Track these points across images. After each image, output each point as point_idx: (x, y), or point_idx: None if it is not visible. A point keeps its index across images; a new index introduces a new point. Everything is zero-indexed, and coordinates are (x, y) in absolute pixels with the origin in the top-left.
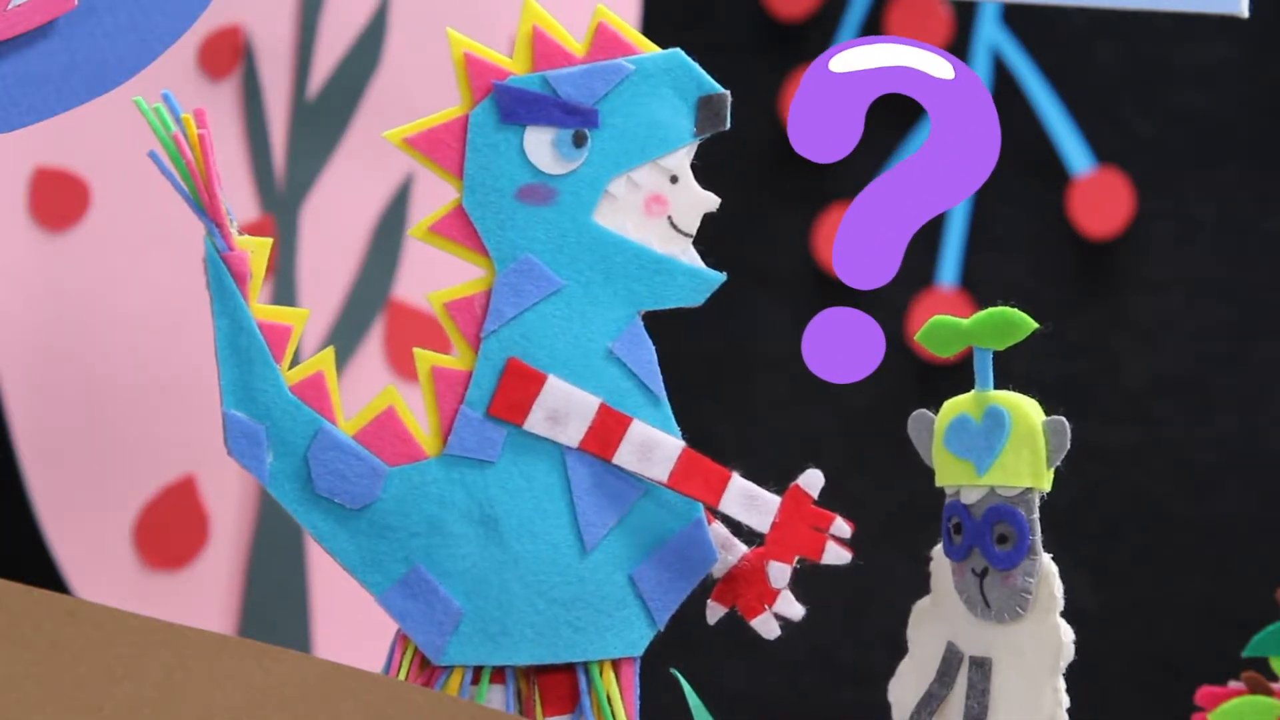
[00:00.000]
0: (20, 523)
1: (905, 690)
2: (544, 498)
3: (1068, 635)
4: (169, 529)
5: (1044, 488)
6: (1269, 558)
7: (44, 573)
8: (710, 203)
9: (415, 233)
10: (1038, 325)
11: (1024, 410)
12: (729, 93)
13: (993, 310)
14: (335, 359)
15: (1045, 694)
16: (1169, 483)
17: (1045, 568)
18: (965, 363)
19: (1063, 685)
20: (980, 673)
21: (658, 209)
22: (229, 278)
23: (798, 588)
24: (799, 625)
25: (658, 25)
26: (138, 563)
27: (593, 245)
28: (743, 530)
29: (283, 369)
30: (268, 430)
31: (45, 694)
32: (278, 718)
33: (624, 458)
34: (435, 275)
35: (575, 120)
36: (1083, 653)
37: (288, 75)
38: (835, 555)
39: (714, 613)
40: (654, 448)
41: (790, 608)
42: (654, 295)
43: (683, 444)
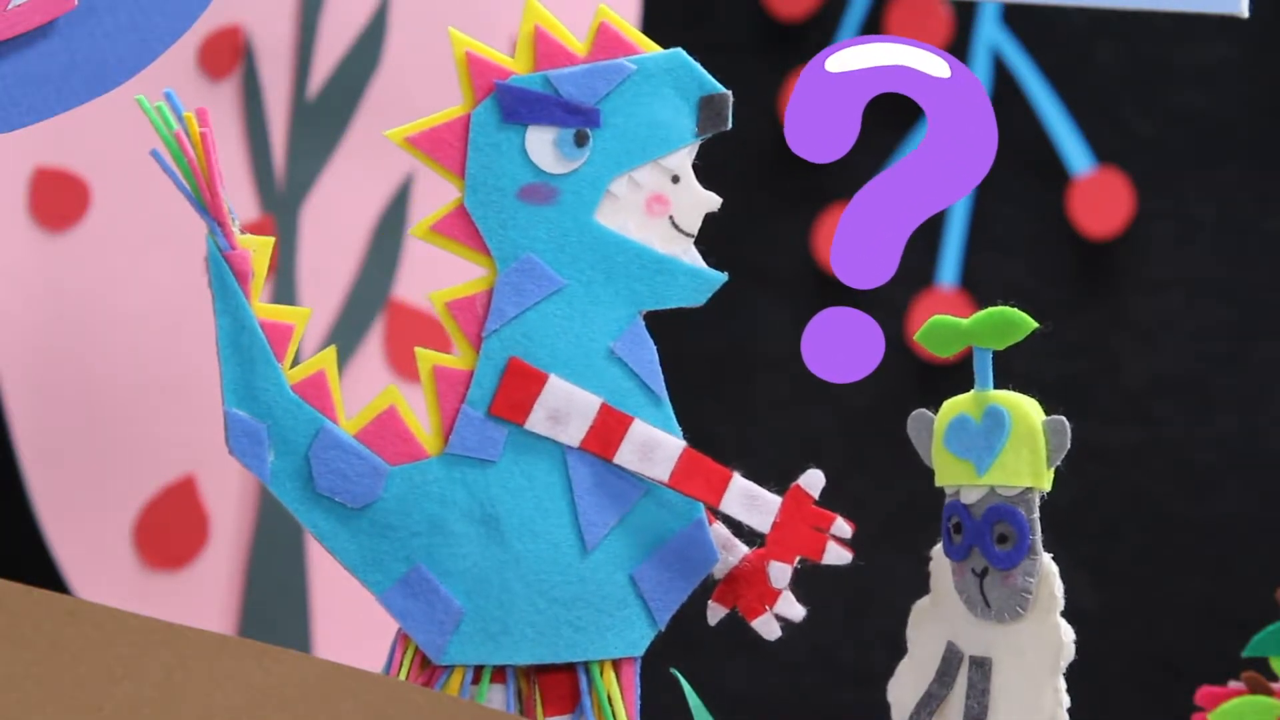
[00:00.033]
0: (20, 523)
1: (905, 690)
2: (545, 497)
3: (1068, 635)
4: (169, 529)
5: (1044, 487)
6: (1269, 558)
7: (44, 573)
8: (712, 203)
9: (417, 232)
10: (1038, 325)
11: (1024, 410)
12: (730, 93)
13: (992, 310)
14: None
15: (1046, 694)
16: (1169, 483)
17: (1045, 567)
18: (965, 362)
19: (1063, 685)
20: (980, 672)
21: (659, 209)
22: (231, 276)
23: (798, 588)
24: (800, 625)
25: (658, 25)
26: (138, 563)
27: (594, 245)
28: (743, 530)
29: (284, 368)
30: (269, 429)
31: (45, 694)
32: (278, 718)
33: (625, 457)
34: (436, 275)
35: (577, 120)
36: (1083, 653)
37: (288, 75)
38: (836, 555)
39: (715, 613)
40: (655, 447)
41: (791, 608)
42: (655, 295)
43: (684, 444)
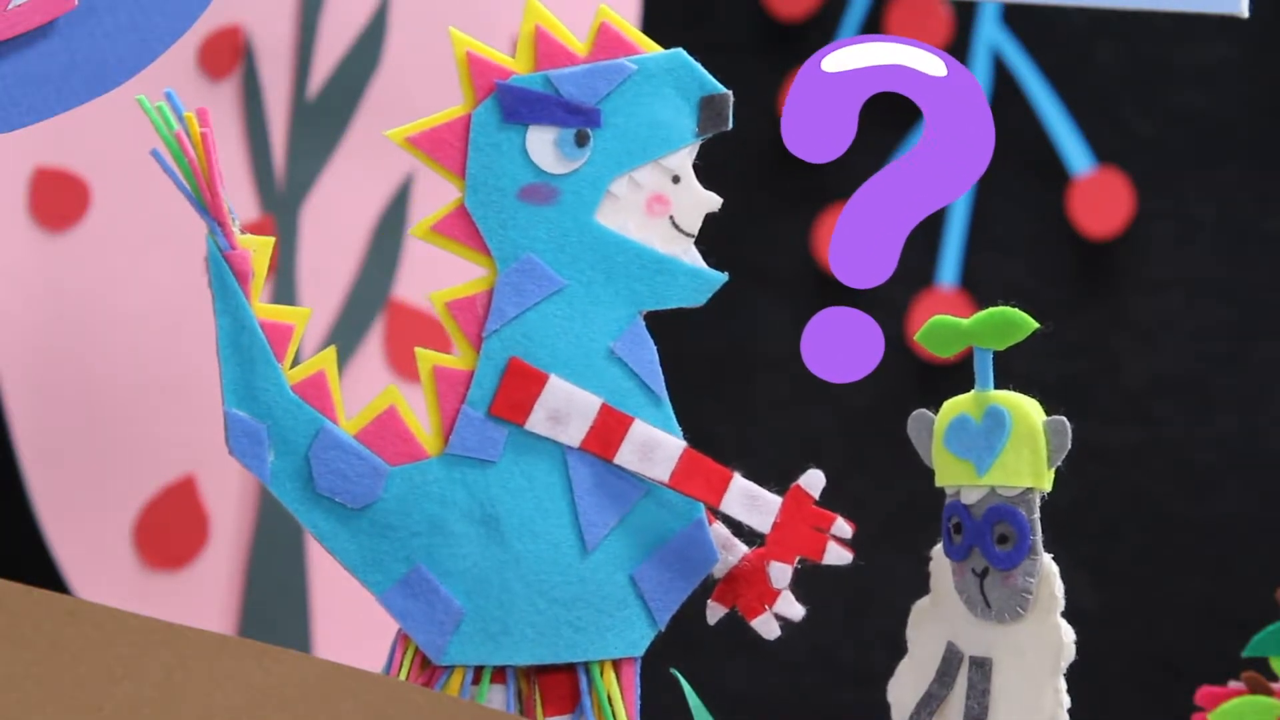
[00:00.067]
0: (20, 523)
1: (904, 690)
2: (545, 497)
3: (1069, 635)
4: (169, 529)
5: (1045, 488)
6: (1269, 558)
7: (44, 573)
8: (712, 203)
9: (417, 232)
10: (1038, 325)
11: (1025, 410)
12: (731, 93)
13: (993, 310)
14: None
15: (1046, 694)
16: (1169, 483)
17: (1046, 568)
18: (965, 362)
19: (1063, 685)
20: (980, 673)
21: (660, 209)
22: (231, 276)
23: (798, 588)
24: (799, 625)
25: (658, 25)
26: (138, 563)
27: (594, 245)
28: (743, 530)
29: (284, 368)
30: (269, 429)
31: (45, 694)
32: (278, 718)
33: (625, 457)
34: (436, 275)
35: (577, 120)
36: (1083, 653)
37: (288, 75)
38: (836, 555)
39: (714, 613)
40: (655, 448)
41: (791, 608)
42: (655, 295)
43: (684, 444)
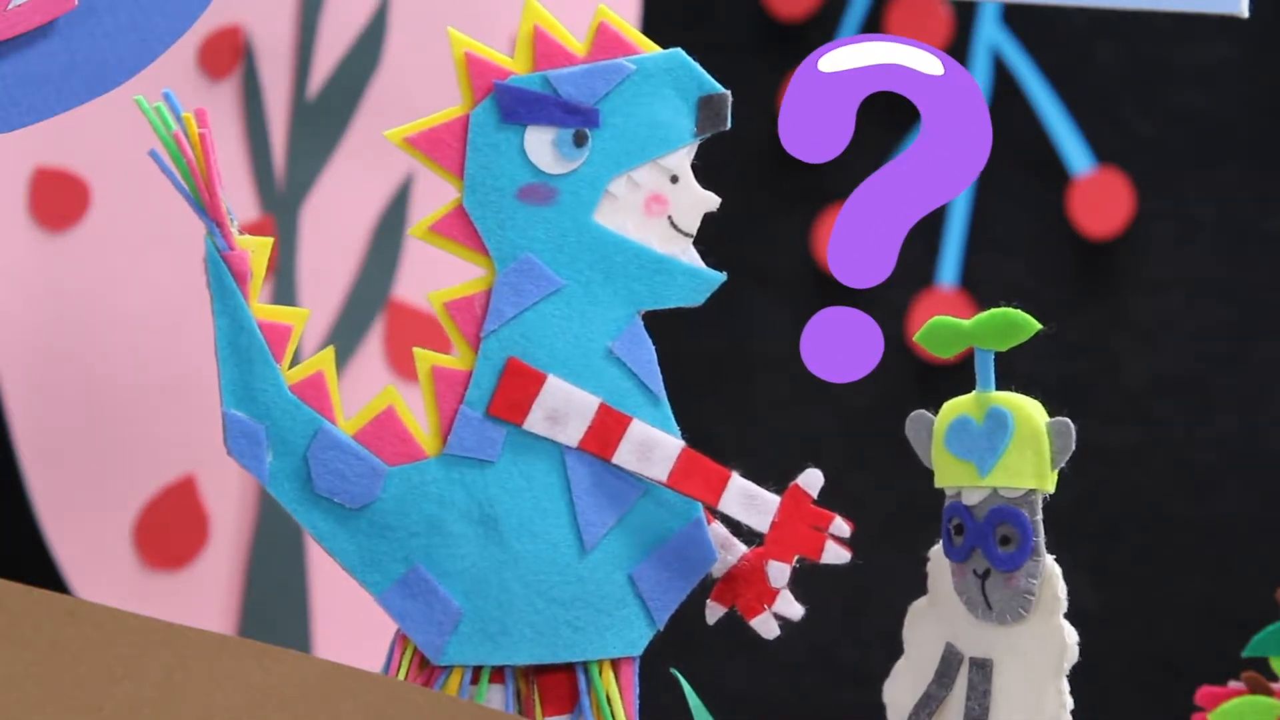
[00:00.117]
0: (20, 523)
1: (901, 691)
2: (543, 497)
3: (1071, 637)
4: (169, 529)
5: (1048, 489)
6: (1269, 558)
7: (44, 573)
8: (710, 202)
9: (415, 232)
10: (1041, 326)
11: (1027, 412)
12: (729, 93)
13: (995, 311)
14: (335, 359)
15: (1048, 695)
16: (1169, 483)
17: (1049, 569)
18: (965, 362)
19: (1066, 687)
20: (981, 674)
21: (658, 209)
22: (229, 277)
23: (797, 587)
24: (798, 625)
25: (658, 25)
26: (138, 563)
27: (593, 245)
28: (742, 530)
29: (283, 369)
30: (267, 430)
31: (45, 694)
32: (278, 718)
33: (623, 457)
34: (435, 275)
35: (576, 120)
36: (1083, 653)
37: (288, 75)
38: (835, 555)
39: (713, 612)
40: (653, 447)
41: (790, 607)
42: (654, 295)
43: (682, 444)
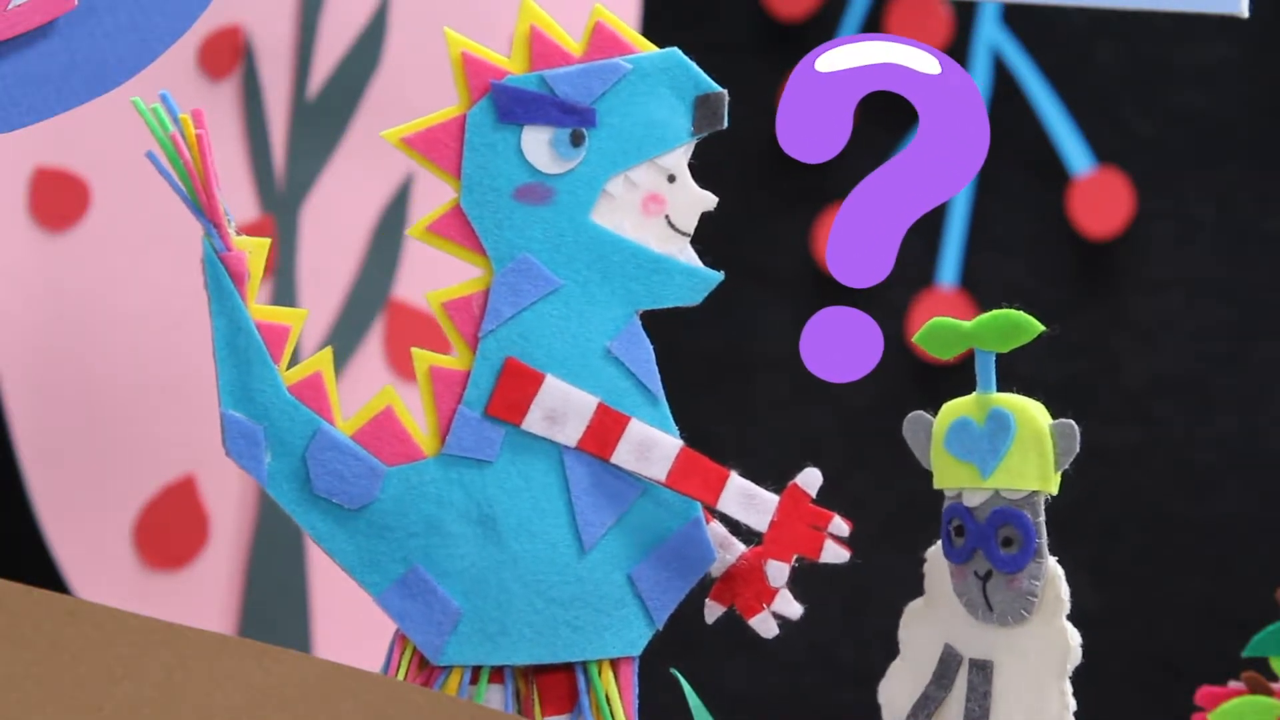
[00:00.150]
0: (20, 523)
1: (897, 691)
2: (542, 497)
3: (1075, 639)
4: (169, 529)
5: (1051, 491)
6: (1269, 558)
7: (44, 573)
8: (708, 202)
9: (413, 232)
10: (1044, 328)
11: (1030, 414)
12: (726, 92)
13: (997, 313)
14: (335, 359)
15: (1051, 697)
16: (1169, 483)
17: (1051, 570)
18: (965, 362)
19: (1069, 689)
20: (982, 675)
21: (655, 208)
22: (227, 278)
23: (796, 586)
24: (798, 624)
25: (657, 25)
26: (138, 563)
27: (590, 244)
28: (741, 529)
29: (281, 369)
30: (266, 430)
31: (45, 694)
32: (278, 718)
33: (622, 457)
34: (435, 275)
35: (573, 119)
36: (1083, 653)
37: (288, 75)
38: (833, 554)
39: (712, 612)
40: (652, 447)
41: (789, 607)
42: (652, 294)
43: (680, 443)
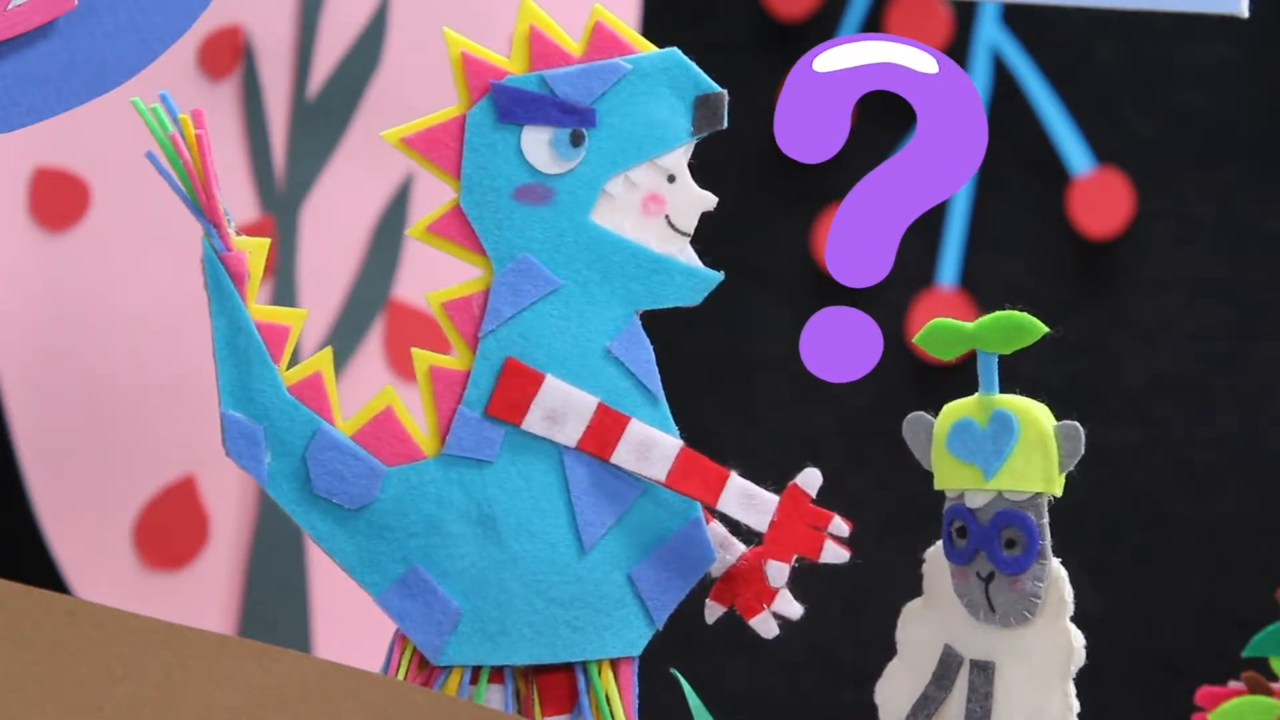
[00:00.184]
0: (20, 523)
1: (895, 692)
2: (542, 497)
3: (1078, 640)
4: (169, 529)
5: (1055, 492)
6: (1269, 558)
7: (44, 573)
8: (707, 202)
9: (413, 232)
10: (1047, 330)
11: (1033, 415)
12: (726, 92)
13: (1000, 314)
14: (335, 359)
15: (1054, 698)
16: (1169, 483)
17: (1055, 572)
18: (966, 363)
19: (1073, 690)
20: (983, 676)
21: (655, 208)
22: (227, 278)
23: (796, 587)
24: (798, 624)
25: (658, 25)
26: (138, 563)
27: (590, 245)
28: (741, 529)
29: (281, 369)
30: (266, 430)
31: (45, 694)
32: (278, 718)
33: (622, 457)
34: (435, 275)
35: (572, 119)
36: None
37: (288, 75)
38: (833, 554)
39: (712, 612)
40: (652, 447)
41: (789, 607)
42: (652, 294)
43: (680, 443)
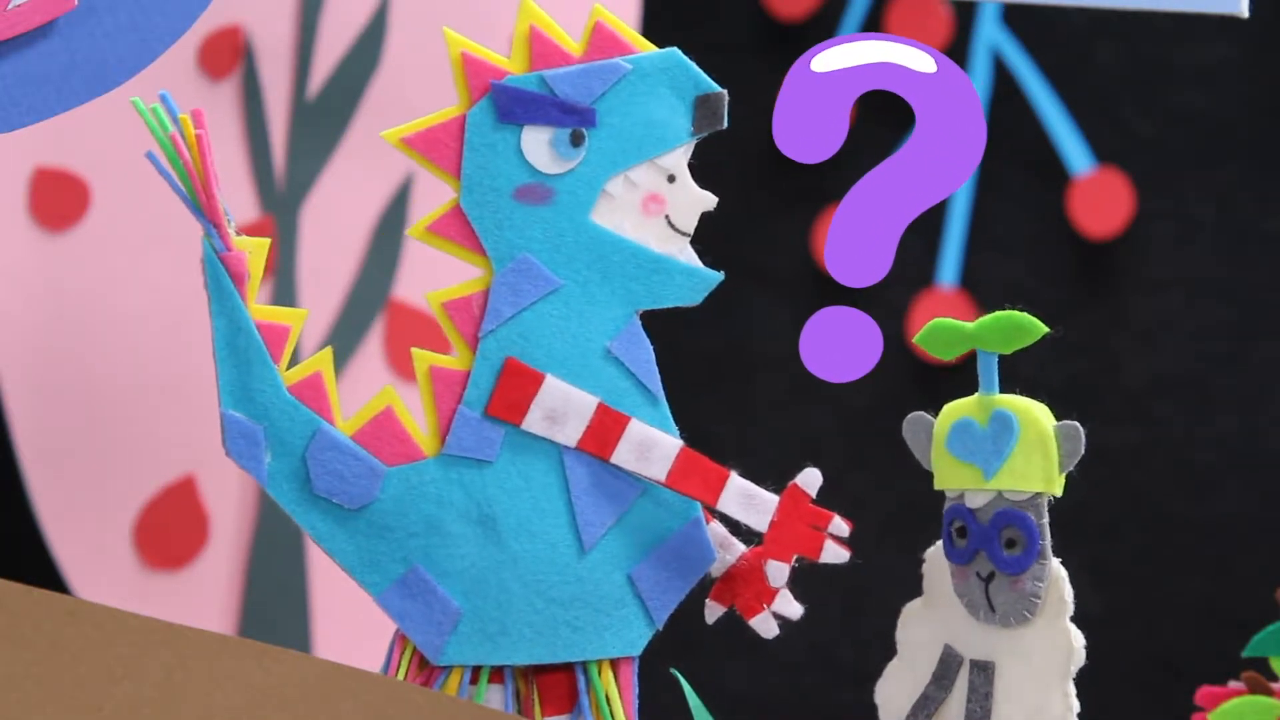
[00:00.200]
0: (20, 523)
1: (894, 692)
2: (542, 497)
3: (1079, 640)
4: (169, 529)
5: (1056, 492)
6: (1269, 558)
7: (44, 573)
8: (707, 202)
9: (413, 232)
10: (1048, 330)
11: (1033, 415)
12: (726, 92)
13: (1000, 314)
14: (335, 359)
15: (1055, 699)
16: (1169, 483)
17: (1055, 572)
18: (966, 362)
19: (1073, 690)
20: (983, 676)
21: (655, 208)
22: (227, 278)
23: (796, 587)
24: (798, 624)
25: (658, 25)
26: (138, 563)
27: (590, 245)
28: (741, 529)
29: (281, 369)
30: (266, 430)
31: (45, 694)
32: (278, 718)
33: (622, 457)
34: (435, 275)
35: (572, 119)
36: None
37: (288, 75)
38: (833, 554)
39: (712, 612)
40: (652, 447)
41: (789, 607)
42: (651, 294)
43: (680, 443)
